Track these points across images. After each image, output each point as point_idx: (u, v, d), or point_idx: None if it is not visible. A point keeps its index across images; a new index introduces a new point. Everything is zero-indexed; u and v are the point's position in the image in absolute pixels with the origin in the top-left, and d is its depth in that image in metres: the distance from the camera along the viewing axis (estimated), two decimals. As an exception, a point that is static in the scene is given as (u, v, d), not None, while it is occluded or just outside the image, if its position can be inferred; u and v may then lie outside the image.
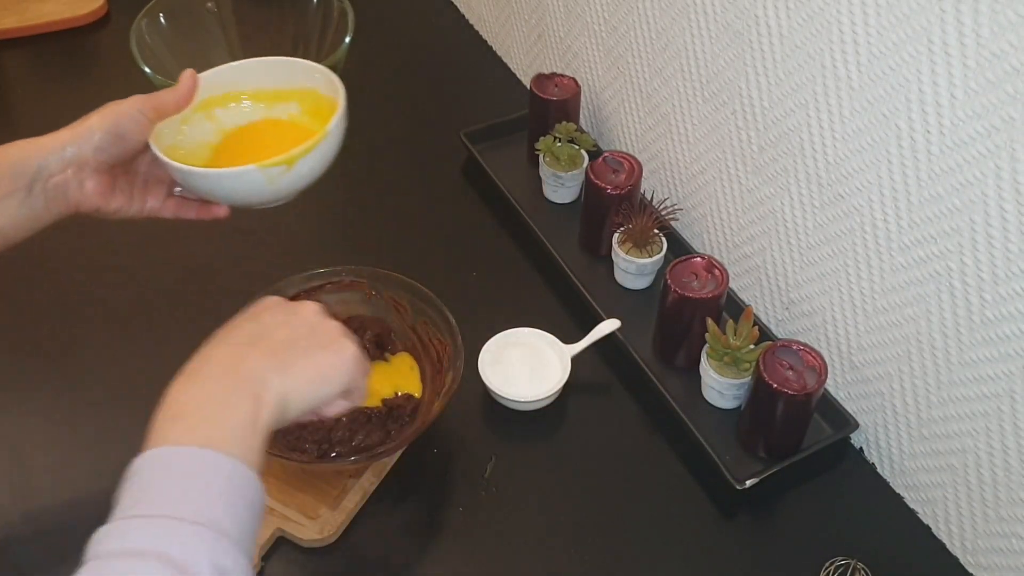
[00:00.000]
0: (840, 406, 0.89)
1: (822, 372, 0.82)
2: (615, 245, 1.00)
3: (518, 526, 0.83)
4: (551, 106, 1.09)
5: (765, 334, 0.94)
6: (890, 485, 0.88)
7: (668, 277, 0.90)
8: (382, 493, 0.84)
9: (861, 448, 0.90)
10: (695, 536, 0.83)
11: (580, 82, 1.12)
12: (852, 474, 0.89)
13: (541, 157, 1.08)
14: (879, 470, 0.89)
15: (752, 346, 0.87)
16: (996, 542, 0.78)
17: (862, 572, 0.79)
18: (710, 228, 1.01)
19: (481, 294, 1.03)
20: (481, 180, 1.13)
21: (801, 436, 0.87)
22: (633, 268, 0.99)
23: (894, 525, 0.85)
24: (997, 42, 0.63)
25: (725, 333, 0.88)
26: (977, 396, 0.75)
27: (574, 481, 0.87)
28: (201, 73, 0.80)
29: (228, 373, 0.60)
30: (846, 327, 0.87)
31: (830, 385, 0.90)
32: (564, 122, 1.08)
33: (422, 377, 0.89)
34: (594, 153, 1.09)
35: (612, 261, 1.01)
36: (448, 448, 0.89)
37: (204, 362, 0.61)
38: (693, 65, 0.94)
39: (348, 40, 1.12)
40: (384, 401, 0.85)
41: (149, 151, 0.75)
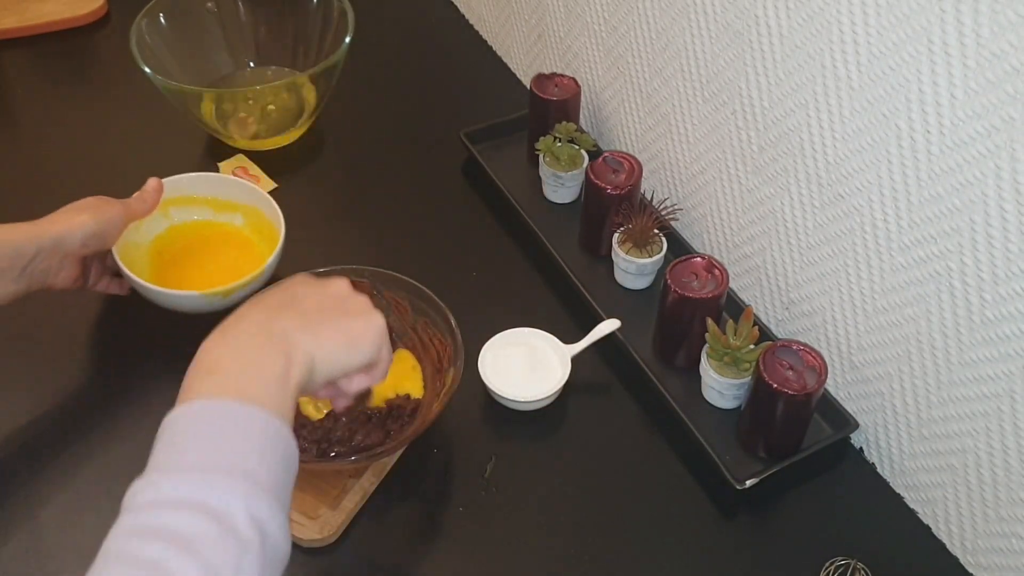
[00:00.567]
0: (840, 406, 0.89)
1: (822, 372, 0.82)
2: (615, 245, 1.00)
3: (518, 526, 0.83)
4: (551, 106, 1.09)
5: (765, 334, 0.94)
6: (890, 485, 0.88)
7: (668, 277, 0.90)
8: (382, 493, 0.84)
9: (861, 448, 0.90)
10: (695, 536, 0.83)
11: (580, 82, 1.12)
12: (852, 474, 0.89)
13: (541, 157, 1.08)
14: (879, 470, 0.89)
15: (752, 346, 0.87)
16: (996, 542, 0.78)
17: (862, 572, 0.79)
18: (710, 228, 1.01)
19: (481, 294, 1.02)
20: (481, 180, 1.13)
21: (801, 436, 0.87)
22: (633, 268, 0.99)
23: (894, 525, 0.85)
24: (997, 42, 0.63)
25: (725, 333, 0.88)
26: (977, 396, 0.76)
27: (574, 481, 0.87)
28: (164, 179, 0.95)
29: (260, 331, 0.61)
30: (846, 327, 0.87)
31: (830, 385, 0.90)
32: (564, 122, 1.08)
33: (423, 377, 0.89)
34: (594, 153, 1.09)
35: (612, 261, 1.01)
36: (448, 448, 0.89)
37: (237, 320, 0.62)
38: (693, 65, 0.94)
39: (348, 40, 1.12)
40: (384, 401, 0.85)
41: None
